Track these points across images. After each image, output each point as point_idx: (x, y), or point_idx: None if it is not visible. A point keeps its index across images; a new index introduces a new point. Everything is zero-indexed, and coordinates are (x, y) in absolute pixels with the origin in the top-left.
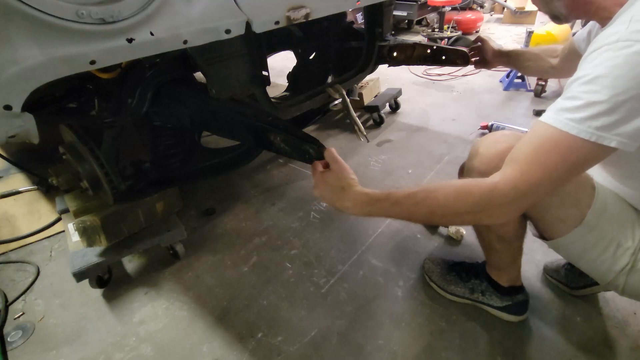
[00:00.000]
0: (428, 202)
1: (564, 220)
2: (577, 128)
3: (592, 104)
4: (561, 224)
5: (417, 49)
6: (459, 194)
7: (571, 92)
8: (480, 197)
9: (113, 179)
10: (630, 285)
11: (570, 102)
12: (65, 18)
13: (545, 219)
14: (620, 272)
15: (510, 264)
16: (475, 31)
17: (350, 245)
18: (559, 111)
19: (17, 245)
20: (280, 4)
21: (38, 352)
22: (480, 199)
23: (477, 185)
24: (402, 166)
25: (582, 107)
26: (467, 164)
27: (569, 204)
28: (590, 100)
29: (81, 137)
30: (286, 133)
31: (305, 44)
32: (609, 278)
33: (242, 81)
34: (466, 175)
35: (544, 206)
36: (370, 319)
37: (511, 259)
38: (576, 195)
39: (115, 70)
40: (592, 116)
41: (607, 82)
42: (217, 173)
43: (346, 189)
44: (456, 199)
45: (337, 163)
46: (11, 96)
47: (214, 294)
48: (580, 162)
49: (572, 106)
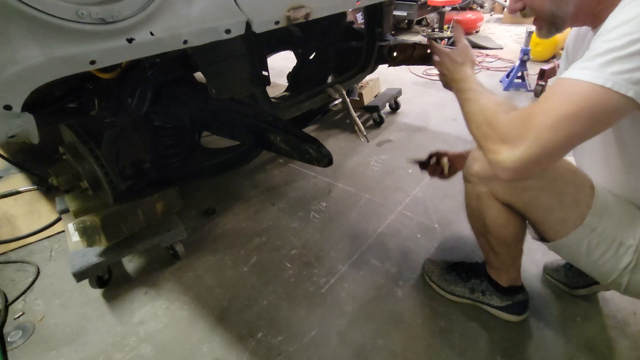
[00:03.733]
0: (471, 103)
1: (564, 221)
2: (591, 75)
3: (609, 51)
4: (562, 225)
5: (417, 49)
6: (489, 113)
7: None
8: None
9: (113, 179)
10: (633, 283)
11: (586, 57)
12: (65, 18)
13: (545, 221)
14: (624, 271)
15: (511, 266)
16: (475, 31)
17: (350, 245)
18: (574, 68)
19: (17, 245)
20: (280, 4)
21: (38, 352)
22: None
23: (507, 121)
24: (402, 166)
25: (598, 55)
26: (467, 170)
27: (569, 205)
28: (607, 48)
29: (81, 137)
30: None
31: (305, 44)
32: (612, 277)
33: (242, 81)
34: (465, 180)
35: (544, 208)
36: (370, 319)
37: (511, 260)
38: (575, 196)
39: (115, 70)
40: (608, 62)
41: (625, 29)
42: (217, 173)
43: (464, 63)
44: (485, 116)
45: (461, 42)
46: (11, 96)
47: (214, 294)
48: (595, 113)
49: (588, 57)
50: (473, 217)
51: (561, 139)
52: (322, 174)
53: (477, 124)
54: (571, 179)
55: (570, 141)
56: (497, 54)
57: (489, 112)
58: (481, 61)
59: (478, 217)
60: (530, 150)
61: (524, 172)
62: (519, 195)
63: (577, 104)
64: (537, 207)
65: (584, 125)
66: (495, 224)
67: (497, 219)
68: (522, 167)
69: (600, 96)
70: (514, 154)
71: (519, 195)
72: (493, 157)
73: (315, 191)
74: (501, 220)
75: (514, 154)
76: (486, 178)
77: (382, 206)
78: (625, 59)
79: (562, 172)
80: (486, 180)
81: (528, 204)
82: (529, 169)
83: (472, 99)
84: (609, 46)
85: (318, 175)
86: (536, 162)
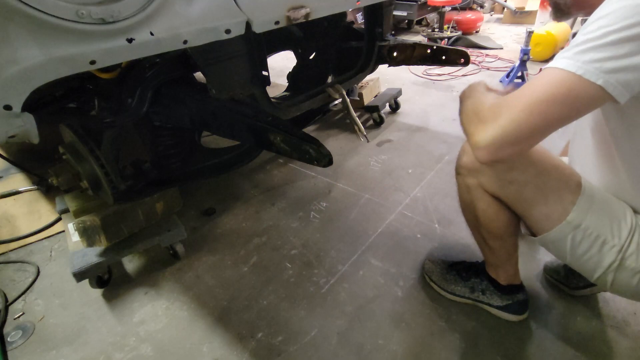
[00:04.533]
0: (468, 101)
1: (548, 216)
2: (566, 63)
3: (586, 41)
4: (545, 220)
5: (417, 49)
6: (478, 103)
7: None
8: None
9: (113, 179)
10: (618, 282)
11: (567, 47)
12: (65, 18)
13: (531, 215)
14: (608, 269)
15: (506, 261)
16: (475, 31)
17: (350, 245)
18: (555, 58)
19: (17, 245)
20: (280, 4)
21: (38, 352)
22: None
23: (488, 106)
24: (402, 166)
25: (576, 44)
26: (457, 163)
27: (553, 201)
28: (584, 39)
29: (81, 137)
30: (286, 133)
31: (305, 44)
32: (597, 274)
33: (242, 81)
34: (456, 173)
35: (529, 202)
36: (370, 319)
37: (506, 255)
38: (559, 193)
39: (115, 70)
40: (583, 51)
41: (602, 22)
42: (217, 173)
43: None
44: (474, 106)
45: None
46: (11, 96)
47: (214, 294)
48: (568, 98)
49: (568, 47)
50: (465, 210)
51: (534, 121)
52: (322, 174)
53: (466, 114)
54: (556, 175)
55: (544, 125)
56: (497, 54)
57: (478, 103)
58: (481, 61)
59: (469, 209)
60: (502, 130)
61: (497, 152)
62: (506, 188)
63: (551, 89)
64: (522, 200)
65: (558, 110)
66: (485, 216)
67: (486, 211)
68: (493, 145)
69: (573, 83)
70: (488, 133)
71: (506, 188)
72: (471, 139)
73: (315, 191)
74: (490, 213)
75: (488, 132)
76: (474, 170)
77: (382, 206)
78: (599, 49)
79: (548, 167)
80: (474, 172)
81: (513, 197)
82: (501, 148)
83: (471, 98)
84: (586, 37)
85: (318, 175)
86: (508, 141)
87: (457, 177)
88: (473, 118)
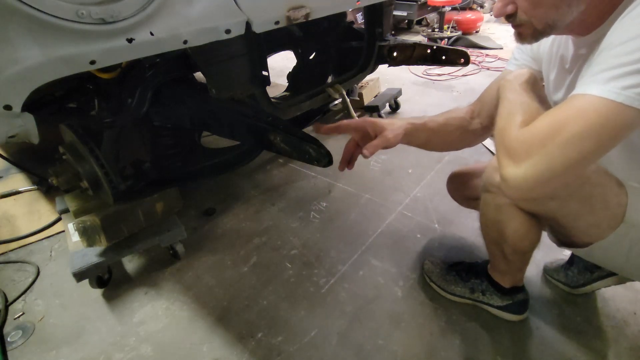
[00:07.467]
0: (504, 103)
1: (597, 224)
2: (602, 90)
3: (620, 65)
4: (595, 229)
5: (417, 49)
6: (505, 119)
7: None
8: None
9: (113, 179)
10: None
11: (595, 71)
12: (65, 18)
13: (576, 226)
14: None
15: (518, 270)
16: (475, 31)
17: (350, 245)
18: (583, 84)
19: (17, 245)
20: (280, 4)
21: (38, 352)
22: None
23: (515, 134)
24: (402, 166)
25: (607, 69)
26: (487, 180)
27: (600, 208)
28: (617, 63)
29: (81, 137)
30: (286, 133)
31: (305, 44)
32: None
33: (242, 81)
34: (483, 190)
35: (573, 214)
36: (370, 319)
37: (520, 265)
38: (604, 198)
39: (115, 70)
40: (619, 76)
41: (635, 44)
42: (217, 173)
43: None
44: (503, 122)
45: (350, 125)
46: (11, 96)
47: (214, 294)
48: (607, 128)
49: (597, 71)
50: (489, 226)
51: (571, 158)
52: (322, 174)
53: (497, 127)
54: (597, 180)
55: (581, 160)
56: (497, 54)
57: (504, 119)
58: (481, 61)
59: (495, 227)
60: (536, 169)
61: (529, 193)
62: (545, 205)
63: (587, 119)
64: (565, 215)
65: (595, 142)
66: (515, 235)
67: (517, 231)
68: (526, 187)
69: (612, 111)
70: (519, 172)
71: (545, 205)
72: (500, 172)
73: (315, 191)
74: (522, 232)
75: (519, 171)
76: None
77: (382, 206)
78: (636, 74)
79: (588, 174)
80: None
81: (555, 212)
82: (534, 190)
83: (505, 98)
84: (620, 61)
85: (318, 175)
86: (543, 182)
87: (486, 194)
88: (499, 141)
